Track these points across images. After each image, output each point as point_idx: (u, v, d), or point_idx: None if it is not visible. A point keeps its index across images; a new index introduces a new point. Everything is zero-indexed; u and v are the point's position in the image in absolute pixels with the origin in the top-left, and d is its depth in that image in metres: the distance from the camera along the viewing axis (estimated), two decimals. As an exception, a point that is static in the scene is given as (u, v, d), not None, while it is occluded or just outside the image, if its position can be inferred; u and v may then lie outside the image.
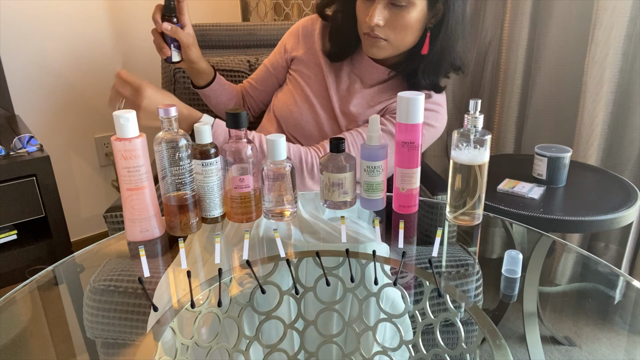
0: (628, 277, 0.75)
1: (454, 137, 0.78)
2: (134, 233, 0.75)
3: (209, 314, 0.65)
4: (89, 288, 0.97)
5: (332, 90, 1.08)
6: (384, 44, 0.98)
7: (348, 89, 1.09)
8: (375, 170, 0.80)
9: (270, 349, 0.72)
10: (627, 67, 1.44)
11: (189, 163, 0.74)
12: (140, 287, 0.92)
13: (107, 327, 0.95)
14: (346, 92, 1.09)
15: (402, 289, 0.68)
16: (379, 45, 0.98)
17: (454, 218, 0.81)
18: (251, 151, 0.75)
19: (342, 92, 1.09)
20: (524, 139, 1.75)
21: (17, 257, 1.69)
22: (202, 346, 0.64)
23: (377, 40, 0.97)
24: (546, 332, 1.35)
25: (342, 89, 1.09)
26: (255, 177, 0.77)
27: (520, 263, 0.74)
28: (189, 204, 0.75)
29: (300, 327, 0.73)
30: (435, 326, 0.63)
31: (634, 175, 1.51)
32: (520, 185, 1.32)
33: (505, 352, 0.51)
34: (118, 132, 0.69)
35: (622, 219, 1.19)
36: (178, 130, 0.72)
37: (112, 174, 2.09)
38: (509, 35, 1.64)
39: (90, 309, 0.95)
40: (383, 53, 1.00)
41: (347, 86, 1.09)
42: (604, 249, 1.64)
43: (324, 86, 1.10)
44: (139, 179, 0.71)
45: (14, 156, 1.56)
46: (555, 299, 1.55)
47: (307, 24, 1.15)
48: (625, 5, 1.36)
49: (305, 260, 0.74)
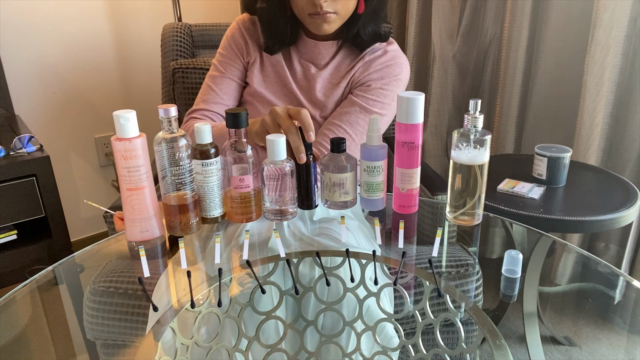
0: (628, 277, 0.75)
1: (454, 137, 0.78)
2: (134, 233, 0.75)
3: (209, 314, 0.65)
4: (89, 289, 0.97)
5: (293, 85, 1.07)
6: (334, 17, 0.97)
7: (305, 77, 1.08)
8: (375, 170, 0.80)
9: (270, 349, 0.72)
10: (627, 67, 1.44)
11: (189, 163, 0.74)
12: (140, 288, 0.92)
13: (107, 329, 0.95)
14: (305, 81, 1.08)
15: (402, 290, 0.68)
16: (329, 20, 0.97)
17: (454, 218, 0.81)
18: (251, 151, 0.75)
19: (302, 82, 1.08)
20: (524, 139, 1.75)
21: (17, 257, 1.69)
22: (202, 346, 0.64)
23: (327, 16, 0.96)
24: (546, 332, 1.35)
25: (300, 80, 1.08)
26: (256, 176, 0.77)
27: (520, 263, 0.74)
28: (189, 204, 0.75)
29: (300, 327, 0.73)
30: (435, 326, 0.63)
31: (634, 175, 1.51)
32: (520, 185, 1.32)
33: (505, 352, 0.51)
34: (118, 132, 0.69)
35: (622, 219, 1.19)
36: (178, 130, 0.72)
37: (112, 174, 2.09)
38: (509, 35, 1.64)
39: (91, 310, 0.95)
40: (334, 26, 0.99)
41: (303, 75, 1.08)
42: (604, 249, 1.64)
43: (283, 83, 1.08)
44: (139, 179, 0.71)
45: (14, 156, 1.56)
46: (555, 299, 1.56)
47: (248, 24, 1.10)
48: (625, 5, 1.36)
49: (304, 260, 0.74)
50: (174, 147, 0.72)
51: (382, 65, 1.06)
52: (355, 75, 1.07)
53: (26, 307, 0.79)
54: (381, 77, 1.06)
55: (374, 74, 1.06)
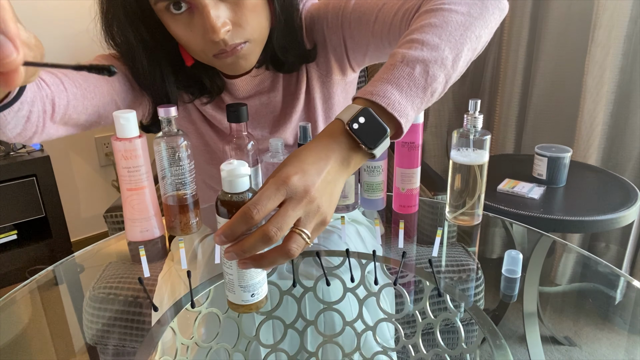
0: (628, 277, 0.75)
1: (453, 137, 0.78)
2: (134, 233, 0.75)
3: (209, 313, 0.65)
4: (89, 295, 0.97)
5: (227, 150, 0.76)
6: (247, 46, 0.70)
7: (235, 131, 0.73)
8: (375, 170, 0.80)
9: (270, 349, 0.72)
10: (628, 67, 1.44)
11: (189, 163, 0.73)
12: (141, 291, 0.92)
13: (107, 334, 0.95)
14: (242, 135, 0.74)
15: (402, 290, 0.68)
16: (243, 54, 0.71)
17: (454, 218, 0.81)
18: (251, 146, 0.75)
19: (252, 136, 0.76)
20: (524, 139, 1.75)
21: (17, 257, 1.69)
22: (202, 346, 0.64)
23: (237, 50, 0.70)
24: (546, 332, 1.35)
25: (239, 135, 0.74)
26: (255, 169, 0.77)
27: (520, 263, 0.74)
28: (189, 204, 0.75)
29: (300, 327, 0.73)
30: (435, 326, 0.63)
31: (634, 175, 1.51)
32: (520, 185, 1.32)
33: (505, 352, 0.51)
34: (118, 132, 0.69)
35: (622, 219, 1.19)
36: (178, 130, 0.72)
37: (112, 174, 2.09)
38: (509, 35, 1.64)
39: (90, 317, 0.95)
40: (253, 58, 0.73)
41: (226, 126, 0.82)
42: (605, 249, 1.64)
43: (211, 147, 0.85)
44: (139, 179, 0.71)
45: (14, 156, 1.56)
46: (555, 299, 1.55)
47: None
48: (625, 6, 1.36)
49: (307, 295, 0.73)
50: (174, 147, 0.72)
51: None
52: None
53: (26, 307, 0.79)
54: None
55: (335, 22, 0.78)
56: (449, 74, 0.57)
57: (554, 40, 1.60)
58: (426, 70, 0.55)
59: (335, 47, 0.81)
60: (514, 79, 1.67)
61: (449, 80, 0.58)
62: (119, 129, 0.69)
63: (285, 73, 0.83)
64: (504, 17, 0.67)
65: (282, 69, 0.81)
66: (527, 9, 1.58)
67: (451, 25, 0.58)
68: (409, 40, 0.58)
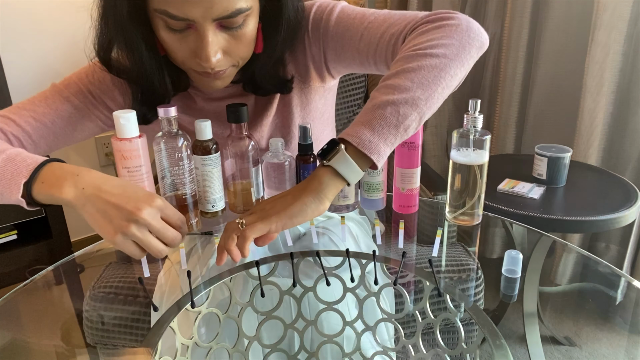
0: (629, 278, 0.75)
1: (453, 137, 0.78)
2: (134, 233, 0.75)
3: (209, 313, 0.65)
4: (89, 295, 0.97)
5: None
6: (229, 70, 0.74)
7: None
8: (375, 170, 0.80)
9: (270, 349, 0.72)
10: (628, 67, 1.44)
11: (189, 163, 0.73)
12: (141, 291, 0.93)
13: (107, 334, 0.95)
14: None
15: (402, 290, 0.68)
16: (224, 76, 0.74)
17: (454, 218, 0.81)
18: (251, 146, 0.75)
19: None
20: (524, 139, 1.75)
21: (17, 257, 1.69)
22: (202, 346, 0.64)
23: (219, 74, 0.73)
24: (546, 332, 1.35)
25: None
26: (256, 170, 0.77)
27: (520, 263, 0.74)
28: (189, 204, 0.75)
29: (300, 327, 0.73)
30: (435, 326, 0.63)
31: (634, 175, 1.51)
32: (520, 185, 1.32)
33: (505, 352, 0.51)
34: (118, 132, 0.69)
35: (622, 219, 1.19)
36: (178, 130, 0.72)
37: (112, 174, 2.09)
38: (509, 35, 1.64)
39: (90, 316, 0.95)
40: (228, 80, 0.77)
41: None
42: (605, 249, 1.64)
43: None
44: (139, 179, 0.71)
45: (14, 156, 1.56)
46: (555, 299, 1.55)
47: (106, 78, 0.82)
48: (625, 6, 1.36)
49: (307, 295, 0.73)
50: (173, 147, 0.72)
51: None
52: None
53: (26, 307, 0.79)
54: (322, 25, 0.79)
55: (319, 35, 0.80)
56: (422, 111, 0.65)
57: (554, 40, 1.60)
58: (397, 110, 0.63)
59: (314, 56, 0.82)
60: (514, 79, 1.67)
61: (423, 117, 0.66)
62: (119, 129, 0.69)
63: (258, 95, 0.85)
64: (504, 18, 0.68)
65: (256, 92, 0.84)
66: (527, 9, 1.58)
67: (424, 69, 0.65)
68: (384, 85, 0.66)
